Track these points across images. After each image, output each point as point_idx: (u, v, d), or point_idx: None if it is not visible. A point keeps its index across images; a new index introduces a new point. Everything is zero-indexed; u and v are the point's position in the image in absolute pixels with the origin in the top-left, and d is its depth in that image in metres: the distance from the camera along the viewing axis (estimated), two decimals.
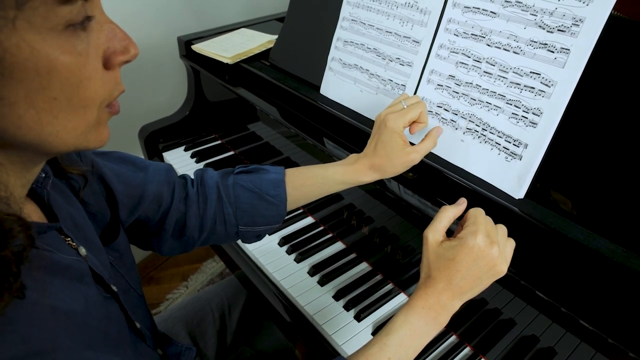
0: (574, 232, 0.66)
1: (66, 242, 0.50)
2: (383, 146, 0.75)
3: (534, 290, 0.65)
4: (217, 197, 0.77)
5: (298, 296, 0.91)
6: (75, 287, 0.46)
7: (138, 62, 1.68)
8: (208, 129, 1.43)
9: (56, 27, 0.35)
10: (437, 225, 0.62)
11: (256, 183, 0.78)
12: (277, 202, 0.77)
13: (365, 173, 0.77)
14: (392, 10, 0.88)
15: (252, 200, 0.77)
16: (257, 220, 0.78)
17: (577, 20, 0.65)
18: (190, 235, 0.77)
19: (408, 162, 0.75)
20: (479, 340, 0.82)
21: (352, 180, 0.78)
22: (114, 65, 0.42)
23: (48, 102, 0.37)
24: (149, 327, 0.70)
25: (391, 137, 0.74)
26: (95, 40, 0.40)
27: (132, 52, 0.43)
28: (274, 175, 0.79)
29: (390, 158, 0.74)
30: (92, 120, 0.42)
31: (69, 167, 0.56)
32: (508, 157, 0.73)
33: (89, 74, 0.39)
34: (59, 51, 0.36)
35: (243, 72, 1.19)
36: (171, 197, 0.75)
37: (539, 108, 0.69)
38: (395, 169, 0.76)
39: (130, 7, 1.56)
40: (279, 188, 0.77)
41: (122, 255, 0.66)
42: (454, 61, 0.79)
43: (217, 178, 0.79)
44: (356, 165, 0.77)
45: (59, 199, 0.54)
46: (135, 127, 1.36)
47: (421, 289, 0.60)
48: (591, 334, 0.60)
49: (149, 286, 1.91)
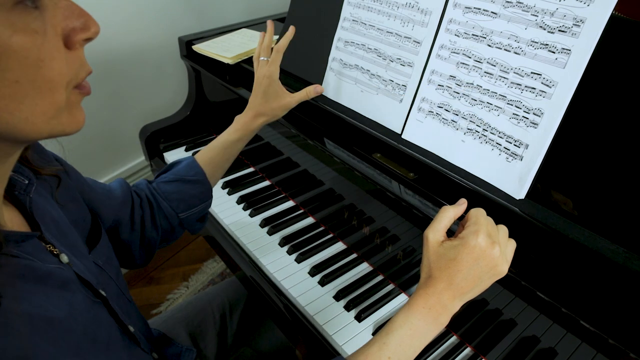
0: (575, 233, 0.66)
1: (48, 250, 0.49)
2: (262, 94, 0.89)
3: (535, 291, 0.65)
4: (153, 197, 0.83)
5: (299, 296, 0.91)
6: (57, 294, 0.46)
7: (139, 62, 1.68)
8: (209, 129, 1.43)
9: (4, 4, 0.34)
10: (437, 225, 0.62)
11: (174, 173, 0.86)
12: (198, 178, 0.86)
13: (252, 121, 0.90)
14: (393, 11, 0.88)
15: (177, 188, 0.84)
16: (190, 202, 0.86)
17: (578, 20, 0.65)
18: (150, 237, 0.82)
19: (284, 105, 0.91)
20: (480, 341, 0.82)
21: (245, 133, 0.90)
22: (74, 44, 0.40)
23: (10, 87, 0.36)
24: (143, 332, 0.70)
25: (269, 85, 0.89)
26: (51, 18, 0.38)
27: (93, 29, 0.41)
28: (185, 161, 0.88)
29: (269, 102, 0.89)
30: (62, 103, 0.40)
31: (41, 169, 0.56)
32: (509, 157, 0.73)
33: (49, 54, 0.37)
34: (10, 30, 0.34)
35: (244, 72, 1.20)
36: (132, 200, 0.80)
37: (539, 108, 0.69)
38: (275, 112, 0.91)
39: (131, 7, 1.56)
40: (194, 167, 0.87)
41: (109, 258, 0.66)
42: (454, 61, 0.79)
43: (145, 183, 0.86)
44: (242, 120, 0.90)
45: (43, 205, 0.54)
46: (136, 127, 1.37)
47: (422, 289, 0.60)
48: (592, 334, 0.60)
49: (149, 286, 1.91)
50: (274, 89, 0.89)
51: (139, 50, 1.66)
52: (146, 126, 1.34)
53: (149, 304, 1.80)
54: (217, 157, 0.90)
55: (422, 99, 0.84)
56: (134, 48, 1.64)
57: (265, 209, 1.13)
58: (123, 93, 1.67)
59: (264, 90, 0.89)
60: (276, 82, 0.89)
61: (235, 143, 0.90)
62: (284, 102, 0.90)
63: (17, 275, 0.43)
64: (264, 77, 0.88)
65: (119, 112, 1.69)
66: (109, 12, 1.51)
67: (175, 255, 2.04)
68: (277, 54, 0.89)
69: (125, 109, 1.71)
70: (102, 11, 1.49)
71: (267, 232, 1.06)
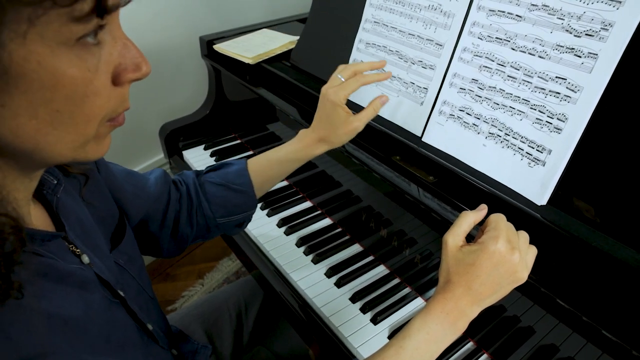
0: (598, 241, 0.65)
1: (70, 250, 0.50)
2: (327, 119, 0.79)
3: (555, 299, 0.64)
4: (196, 194, 0.82)
5: (315, 297, 0.91)
6: (76, 294, 0.47)
7: (160, 61, 1.70)
8: (228, 129, 1.43)
9: (68, 42, 0.34)
10: (457, 229, 0.61)
11: (222, 176, 0.83)
12: (244, 189, 0.83)
13: (315, 146, 0.82)
14: (416, 13, 0.88)
15: (221, 193, 0.82)
16: (231, 210, 0.83)
17: (607, 24, 0.64)
18: (184, 232, 0.81)
19: (352, 131, 0.80)
20: (497, 348, 0.81)
21: (305, 156, 0.83)
22: (123, 82, 0.41)
23: (50, 114, 0.36)
24: (162, 328, 0.70)
25: (333, 109, 0.78)
26: (107, 55, 0.39)
27: (144, 70, 0.42)
28: (237, 166, 0.84)
29: (335, 129, 0.79)
30: (91, 134, 0.41)
31: (70, 167, 0.56)
32: (531, 162, 0.72)
33: (95, 90, 0.38)
34: (67, 65, 0.35)
35: (264, 73, 1.20)
36: (168, 196, 0.80)
37: (564, 114, 0.68)
38: (340, 138, 0.81)
39: (154, 6, 1.58)
40: (242, 176, 0.83)
41: (131, 257, 0.67)
42: (477, 65, 0.78)
43: (192, 176, 0.84)
44: (305, 141, 0.82)
45: (70, 204, 0.55)
46: (156, 125, 1.38)
47: (440, 294, 0.59)
48: (614, 345, 0.59)
49: (165, 283, 1.93)
50: (339, 113, 0.78)
51: (161, 50, 1.68)
52: (166, 124, 1.35)
53: (164, 300, 1.82)
54: (270, 171, 0.85)
55: (444, 102, 0.83)
56: (156, 47, 1.66)
57: (283, 209, 1.13)
58: (144, 91, 1.69)
59: (327, 115, 0.79)
60: (341, 107, 0.78)
61: (291, 162, 0.84)
62: (351, 127, 0.79)
63: (40, 273, 0.43)
64: (327, 101, 0.78)
65: (139, 109, 1.70)
66: (132, 11, 1.53)
67: (191, 253, 2.05)
68: (355, 81, 0.78)
69: (145, 107, 1.73)
70: (126, 10, 1.50)
71: (284, 232, 1.06)
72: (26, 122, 0.36)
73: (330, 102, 0.77)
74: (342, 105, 0.78)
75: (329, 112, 0.78)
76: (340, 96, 0.77)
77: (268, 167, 0.85)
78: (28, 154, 0.39)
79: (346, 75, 0.79)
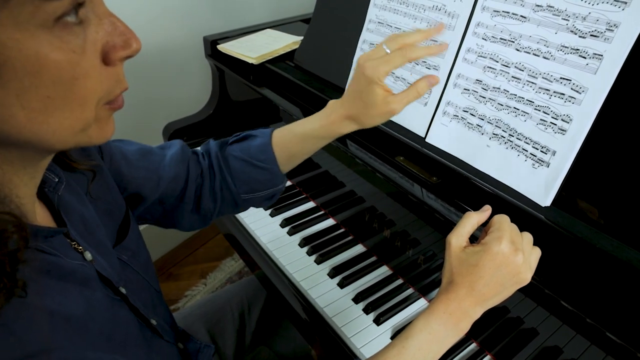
0: (602, 242, 0.64)
1: (72, 247, 0.50)
2: (360, 96, 0.68)
3: (559, 300, 0.64)
4: (219, 168, 0.79)
5: (317, 297, 0.91)
6: (77, 291, 0.46)
7: (164, 60, 1.70)
8: (231, 128, 1.43)
9: (45, 23, 0.33)
10: (460, 230, 0.61)
11: (245, 151, 0.78)
12: (267, 165, 0.77)
13: (342, 124, 0.72)
14: (419, 14, 0.88)
15: (245, 169, 0.78)
16: (255, 187, 0.79)
17: (612, 25, 0.63)
18: (207, 208, 0.79)
19: (387, 113, 0.68)
20: (500, 349, 0.80)
21: (330, 134, 0.75)
22: (113, 60, 0.40)
23: (41, 101, 0.36)
24: (168, 322, 0.70)
25: (368, 86, 0.66)
26: (93, 34, 0.38)
27: (134, 47, 0.41)
28: (260, 139, 0.78)
29: (367, 108, 0.68)
30: (90, 118, 0.40)
31: (76, 163, 0.56)
32: (535, 163, 0.72)
33: (84, 71, 0.37)
34: (48, 48, 0.34)
35: (268, 73, 1.20)
36: (187, 173, 0.77)
37: (568, 115, 0.68)
38: (373, 120, 0.70)
39: (158, 6, 1.59)
40: (266, 152, 0.77)
41: (136, 252, 0.66)
42: (481, 65, 0.78)
43: (216, 149, 0.80)
44: (332, 117, 0.73)
45: (72, 201, 0.55)
46: (159, 124, 1.38)
47: (443, 294, 0.59)
48: (618, 347, 0.59)
49: (168, 282, 1.93)
50: (374, 91, 0.66)
51: (164, 49, 1.69)
52: (169, 124, 1.36)
53: (167, 300, 1.80)
54: (294, 147, 0.78)
55: (447, 103, 0.83)
56: (160, 47, 1.67)
57: (286, 209, 1.13)
58: (147, 90, 1.69)
59: (360, 91, 0.67)
60: (379, 84, 0.66)
61: (315, 140, 0.76)
62: (387, 109, 0.67)
63: (43, 271, 0.43)
64: (362, 76, 0.66)
65: (143, 108, 1.71)
66: (135, 12, 1.53)
67: (194, 252, 2.06)
68: (401, 55, 0.66)
69: (149, 106, 1.73)
70: (129, 10, 1.51)
71: (287, 232, 1.06)
72: (18, 112, 0.35)
73: (367, 77, 0.66)
74: (380, 82, 0.66)
75: (363, 89, 0.67)
76: (380, 72, 0.65)
77: (292, 142, 0.77)
78: (29, 143, 0.38)
79: (393, 46, 0.66)
